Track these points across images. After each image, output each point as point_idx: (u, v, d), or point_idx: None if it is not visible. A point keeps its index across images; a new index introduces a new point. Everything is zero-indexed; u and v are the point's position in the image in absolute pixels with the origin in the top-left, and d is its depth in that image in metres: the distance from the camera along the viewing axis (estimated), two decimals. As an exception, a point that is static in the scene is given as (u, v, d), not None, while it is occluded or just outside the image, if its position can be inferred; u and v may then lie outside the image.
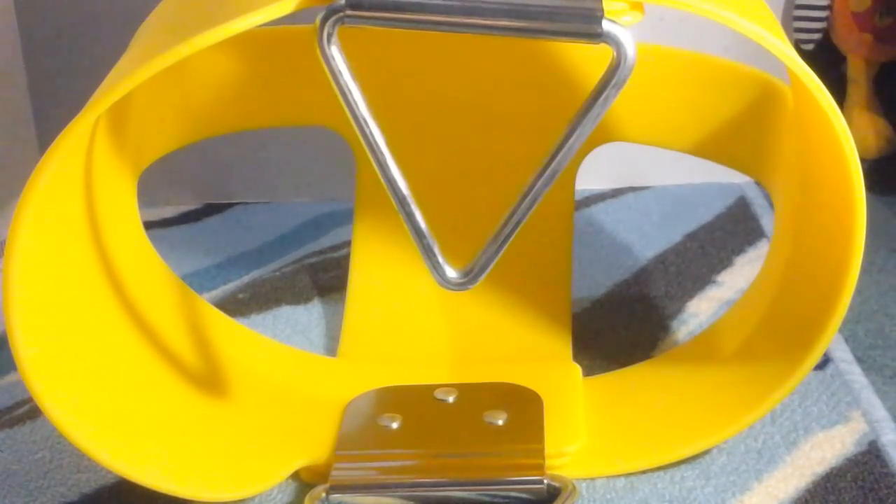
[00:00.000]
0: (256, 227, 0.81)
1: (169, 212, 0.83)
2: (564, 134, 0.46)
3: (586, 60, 0.65)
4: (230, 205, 0.85)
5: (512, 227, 0.48)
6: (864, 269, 0.51)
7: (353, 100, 0.45)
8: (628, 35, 0.43)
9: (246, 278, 0.74)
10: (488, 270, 0.49)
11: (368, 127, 0.45)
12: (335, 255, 0.76)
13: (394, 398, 0.58)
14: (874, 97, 0.87)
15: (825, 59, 0.85)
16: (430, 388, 0.58)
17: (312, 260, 0.75)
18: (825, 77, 0.49)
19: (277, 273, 0.74)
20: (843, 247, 0.50)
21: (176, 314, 0.60)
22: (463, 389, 0.58)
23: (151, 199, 0.65)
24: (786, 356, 0.53)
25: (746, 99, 0.63)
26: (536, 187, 0.47)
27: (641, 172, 0.84)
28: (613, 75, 0.44)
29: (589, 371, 0.61)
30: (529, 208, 0.47)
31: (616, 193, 0.83)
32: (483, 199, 0.65)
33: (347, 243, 0.76)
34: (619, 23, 0.43)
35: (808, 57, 0.49)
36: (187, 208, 0.85)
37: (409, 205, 0.47)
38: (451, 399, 0.57)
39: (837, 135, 0.48)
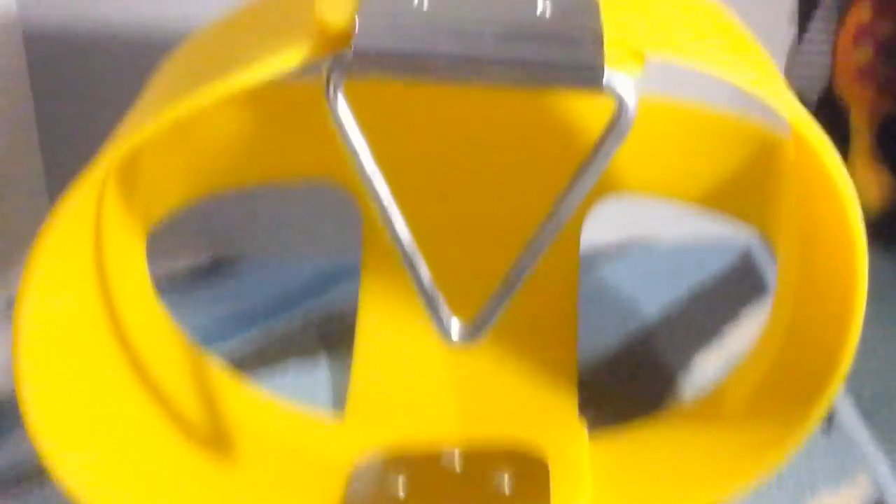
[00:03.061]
0: (264, 282, 0.82)
1: (176, 267, 0.84)
2: (568, 185, 0.46)
3: (589, 111, 0.65)
4: (238, 260, 0.86)
5: (516, 280, 0.48)
6: (871, 326, 0.51)
7: (359, 152, 0.45)
8: (630, 85, 0.43)
9: (253, 332, 0.74)
10: (493, 323, 0.49)
11: (373, 179, 0.46)
12: (342, 310, 0.76)
13: (400, 464, 0.58)
14: (878, 149, 0.87)
15: (828, 110, 0.85)
16: (437, 454, 0.58)
17: (319, 315, 0.76)
18: (828, 129, 0.49)
19: (284, 328, 0.74)
20: (845, 301, 0.51)
21: (183, 373, 0.60)
22: (469, 455, 0.58)
23: (159, 254, 0.65)
24: (791, 412, 0.53)
25: (748, 152, 0.63)
26: (541, 239, 0.47)
27: (646, 229, 0.84)
28: (616, 125, 0.44)
29: (595, 427, 0.61)
30: (534, 260, 0.47)
31: (621, 250, 0.83)
32: (489, 252, 0.65)
33: (354, 298, 0.77)
34: (621, 73, 0.43)
35: (811, 108, 0.49)
36: (195, 263, 0.85)
37: (413, 258, 0.47)
38: (457, 464, 0.57)
39: (836, 183, 0.48)
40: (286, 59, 0.44)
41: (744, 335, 0.71)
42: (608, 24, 0.44)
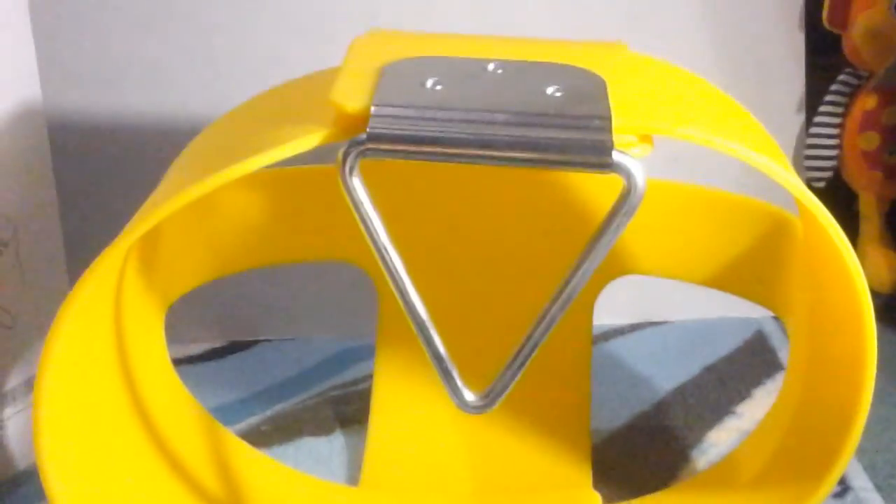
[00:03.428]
0: (280, 362, 0.82)
1: (195, 349, 0.84)
2: (578, 261, 0.47)
3: (599, 189, 0.67)
4: (254, 342, 0.86)
5: (528, 352, 0.48)
6: (882, 400, 0.52)
7: (374, 229, 0.46)
8: (638, 164, 0.44)
9: (269, 412, 0.74)
10: (505, 394, 0.49)
11: (388, 254, 0.47)
12: (357, 388, 0.77)
13: None
14: (886, 233, 0.88)
15: (837, 196, 0.86)
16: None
17: (334, 393, 0.76)
18: (837, 215, 0.49)
19: (300, 406, 0.75)
20: (855, 376, 0.51)
21: (202, 446, 0.61)
22: None
23: (177, 337, 0.66)
24: (802, 483, 0.53)
25: (758, 232, 0.64)
26: (552, 312, 0.48)
27: (659, 308, 0.85)
28: (624, 203, 0.45)
29: (608, 500, 0.61)
30: (545, 333, 0.48)
31: (634, 328, 0.84)
32: (501, 324, 0.66)
33: (369, 377, 0.77)
34: (629, 154, 0.44)
35: (820, 195, 0.50)
36: (212, 346, 0.86)
37: (428, 329, 0.48)
38: None
39: (846, 264, 0.49)
40: (304, 141, 0.45)
41: (757, 412, 0.71)
42: (616, 105, 0.45)
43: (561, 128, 0.44)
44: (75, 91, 0.81)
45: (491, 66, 0.47)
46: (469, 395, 0.49)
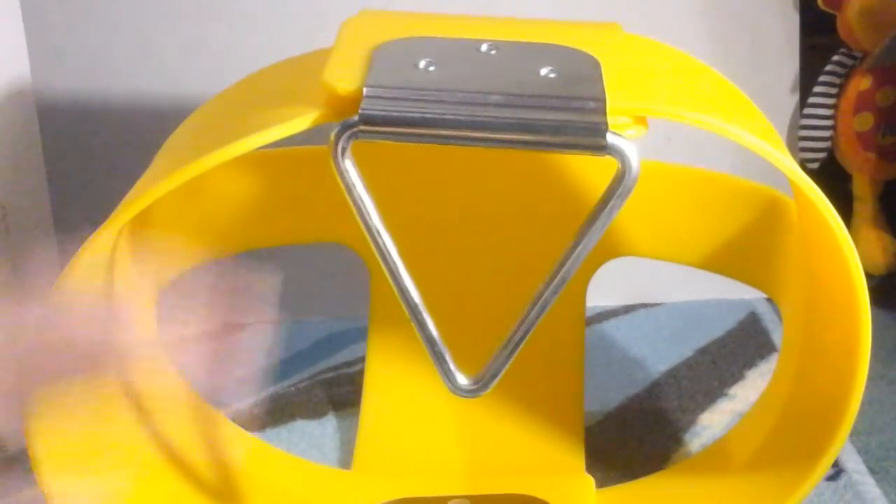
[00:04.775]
0: (273, 345, 0.82)
1: (187, 332, 0.84)
2: (573, 243, 0.47)
3: (594, 171, 0.66)
4: (247, 324, 0.86)
5: (522, 335, 0.48)
6: (876, 383, 0.52)
7: (366, 211, 0.46)
8: (632, 147, 0.44)
9: (262, 394, 0.74)
10: (499, 377, 0.49)
11: (381, 237, 0.46)
12: (349, 370, 0.76)
13: None
14: (880, 214, 0.88)
15: (831, 177, 0.86)
16: (444, 500, 0.58)
17: (327, 376, 0.76)
18: (831, 195, 0.49)
19: (293, 388, 0.75)
20: (849, 358, 0.51)
21: (193, 426, 0.60)
22: (477, 501, 0.58)
23: (170, 320, 0.66)
24: (796, 466, 0.53)
25: (752, 214, 0.64)
26: (546, 295, 0.47)
27: (652, 290, 0.85)
28: (619, 186, 0.45)
29: (602, 483, 0.61)
30: (539, 316, 0.48)
31: (628, 310, 0.84)
32: (494, 307, 0.66)
33: (361, 359, 0.77)
34: (623, 136, 0.44)
35: (813, 176, 0.50)
36: (205, 328, 0.85)
37: (420, 313, 0.48)
38: None
39: (841, 245, 0.48)
40: (296, 123, 0.45)
41: (750, 394, 0.71)
42: (610, 87, 0.45)
43: (555, 109, 0.44)
44: (65, 74, 0.80)
45: (484, 47, 0.47)
46: (462, 379, 0.49)
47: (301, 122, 0.45)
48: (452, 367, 0.49)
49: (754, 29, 0.84)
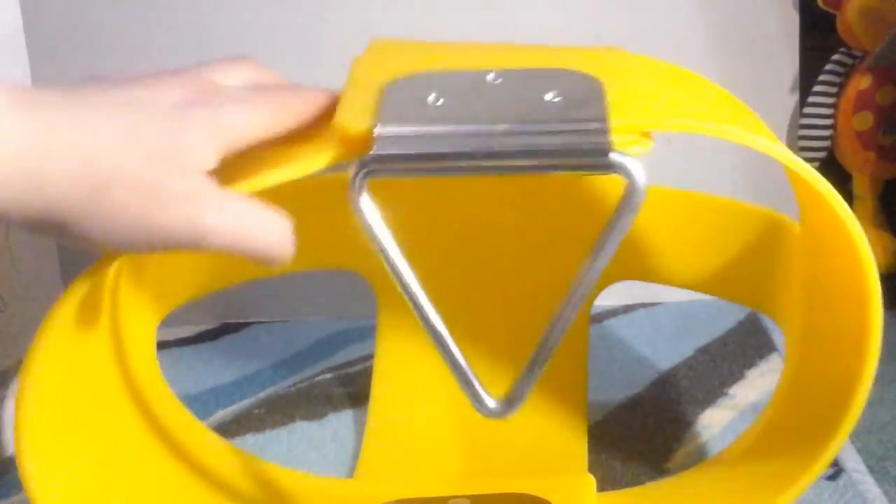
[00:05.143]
0: (272, 344, 0.82)
1: (187, 331, 0.84)
2: (586, 262, 0.47)
3: (606, 188, 0.66)
4: (247, 324, 0.86)
5: (545, 355, 0.48)
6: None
7: (386, 246, 0.46)
8: (637, 163, 0.44)
9: (262, 394, 0.74)
10: (527, 398, 0.49)
11: (401, 271, 0.46)
12: (349, 371, 0.77)
13: None
14: (880, 213, 0.88)
15: (831, 177, 0.86)
16: (444, 501, 0.58)
17: (327, 376, 0.76)
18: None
19: (293, 389, 0.75)
20: (856, 354, 0.51)
21: (188, 439, 0.60)
22: (477, 501, 0.58)
23: (170, 319, 0.66)
24: (795, 461, 0.53)
25: (751, 236, 0.64)
26: (565, 315, 0.47)
27: (653, 289, 0.84)
28: (628, 201, 0.45)
29: (602, 482, 0.61)
30: (561, 334, 0.47)
31: (628, 309, 0.84)
32: (513, 327, 0.66)
33: (361, 359, 0.77)
34: (628, 153, 0.44)
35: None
36: (205, 327, 0.86)
37: (446, 342, 0.48)
38: None
39: (852, 237, 0.49)
40: (312, 163, 0.45)
41: (750, 393, 0.71)
42: (614, 105, 0.45)
43: (559, 133, 0.44)
44: (64, 75, 0.80)
45: (490, 77, 0.48)
46: (490, 402, 0.49)
47: (316, 161, 0.45)
48: (481, 391, 0.49)
49: (754, 29, 0.84)
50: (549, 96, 0.46)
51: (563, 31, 0.82)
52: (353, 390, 0.73)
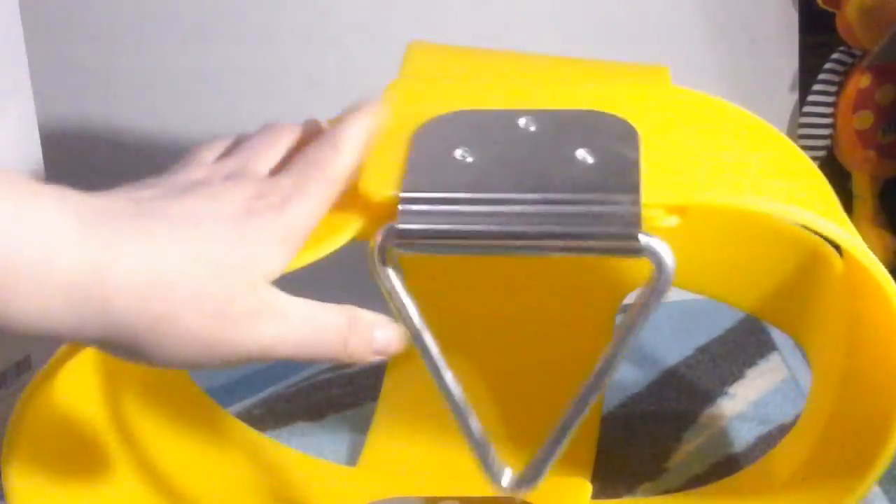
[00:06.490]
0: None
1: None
2: (611, 346, 0.46)
3: (630, 264, 0.65)
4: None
5: (564, 434, 0.48)
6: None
7: (408, 314, 0.46)
8: (666, 247, 0.43)
9: (261, 394, 0.74)
10: (543, 476, 0.48)
11: (423, 339, 0.46)
12: (349, 371, 0.76)
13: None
14: (880, 212, 0.88)
15: (830, 176, 0.86)
16: (435, 501, 0.58)
17: (327, 376, 0.76)
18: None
19: (292, 389, 0.75)
20: (890, 399, 0.50)
21: (195, 423, 0.61)
22: (466, 502, 0.58)
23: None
24: (834, 491, 0.53)
25: (793, 258, 0.62)
26: (584, 395, 0.47)
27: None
28: (654, 286, 0.44)
29: (601, 482, 0.61)
30: (580, 415, 0.47)
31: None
32: (532, 400, 0.65)
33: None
34: (657, 231, 0.43)
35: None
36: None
37: (464, 412, 0.48)
38: None
39: (890, 302, 0.48)
40: (341, 237, 0.45)
41: (750, 393, 0.71)
42: (649, 171, 0.44)
43: (588, 215, 0.43)
44: (70, 103, 0.80)
45: (522, 123, 0.47)
46: (506, 479, 0.49)
47: (344, 235, 0.45)
48: (497, 465, 0.48)
49: (754, 27, 0.84)
50: (581, 154, 0.45)
51: (562, 30, 0.82)
52: (353, 390, 0.73)
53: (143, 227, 0.40)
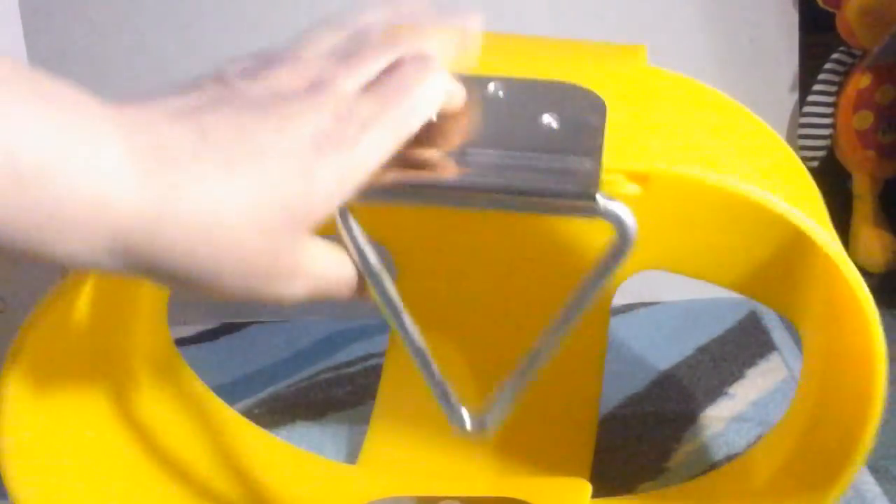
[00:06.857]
0: (271, 344, 0.82)
1: (187, 331, 0.84)
2: (569, 302, 0.45)
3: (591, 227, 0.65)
4: (247, 324, 0.86)
5: (522, 382, 0.47)
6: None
7: (367, 259, 0.45)
8: (625, 209, 0.42)
9: (262, 394, 0.74)
10: (502, 418, 0.47)
11: (383, 283, 0.45)
12: (349, 371, 0.77)
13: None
14: (880, 212, 0.88)
15: (830, 176, 0.86)
16: (436, 500, 0.58)
17: (327, 376, 0.76)
18: (831, 194, 0.48)
19: (292, 389, 0.75)
20: (865, 394, 0.50)
21: (196, 419, 0.61)
22: (466, 502, 0.58)
23: (170, 319, 0.66)
24: (816, 487, 0.53)
25: (779, 236, 0.61)
26: (543, 348, 0.46)
27: (652, 288, 0.85)
28: (615, 251, 0.43)
29: (600, 483, 0.61)
30: (537, 366, 0.47)
31: (627, 308, 0.84)
32: (498, 351, 0.63)
33: (361, 359, 0.77)
34: (616, 199, 0.42)
35: (813, 174, 0.50)
36: (204, 327, 0.86)
37: (423, 356, 0.47)
38: None
39: (861, 304, 0.47)
40: None
41: (750, 393, 0.71)
42: (611, 138, 0.43)
43: (548, 172, 0.43)
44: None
45: (491, 87, 0.46)
46: (468, 418, 0.48)
47: None
48: (459, 408, 0.48)
49: (754, 27, 0.84)
50: (546, 119, 0.44)
51: (561, 30, 0.82)
52: (353, 390, 0.73)
53: (202, 171, 0.38)
